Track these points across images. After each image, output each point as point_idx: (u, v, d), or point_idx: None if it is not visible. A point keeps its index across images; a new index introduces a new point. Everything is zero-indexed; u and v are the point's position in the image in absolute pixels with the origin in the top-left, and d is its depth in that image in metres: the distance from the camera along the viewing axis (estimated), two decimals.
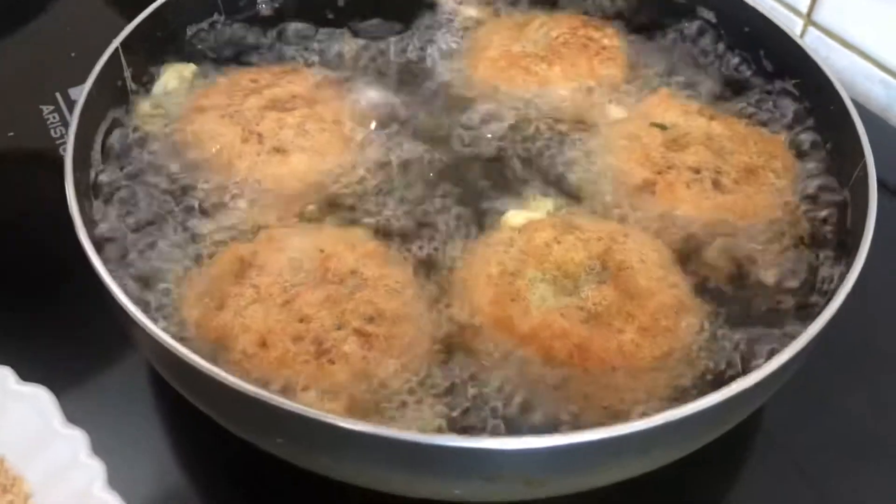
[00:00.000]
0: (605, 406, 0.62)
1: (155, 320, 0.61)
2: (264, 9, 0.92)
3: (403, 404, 0.62)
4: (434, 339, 0.66)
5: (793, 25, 1.08)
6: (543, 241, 0.70)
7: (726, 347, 0.66)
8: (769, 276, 0.71)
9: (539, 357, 0.64)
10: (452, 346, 0.66)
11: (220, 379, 0.55)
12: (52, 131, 0.95)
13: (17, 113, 0.96)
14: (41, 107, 0.97)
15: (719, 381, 0.63)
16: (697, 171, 0.76)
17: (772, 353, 0.63)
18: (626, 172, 0.77)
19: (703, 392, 0.59)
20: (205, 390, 0.59)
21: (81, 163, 0.71)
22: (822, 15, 1.06)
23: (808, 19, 1.08)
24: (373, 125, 0.81)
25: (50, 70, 1.02)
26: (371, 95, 0.82)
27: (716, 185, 0.75)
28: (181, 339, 0.60)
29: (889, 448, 0.75)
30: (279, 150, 0.76)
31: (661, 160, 0.77)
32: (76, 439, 0.59)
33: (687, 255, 0.72)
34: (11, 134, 0.95)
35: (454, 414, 0.62)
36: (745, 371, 0.64)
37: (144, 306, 0.65)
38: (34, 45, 1.08)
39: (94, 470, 0.57)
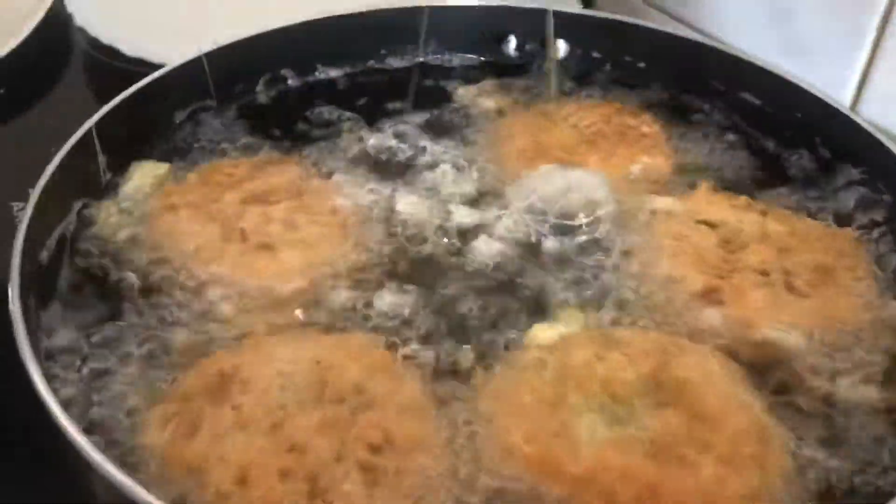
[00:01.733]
0: None
1: (109, 450, 0.48)
2: (262, 96, 0.83)
3: None
4: (458, 477, 0.53)
5: None
6: (583, 360, 0.58)
7: (822, 479, 0.53)
8: (862, 393, 0.59)
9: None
10: (482, 490, 0.52)
11: None
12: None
13: None
14: (11, 203, 0.87)
15: None
16: (766, 274, 0.65)
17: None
18: (681, 278, 0.65)
19: None
20: None
21: (32, 257, 0.61)
22: (868, 107, 0.97)
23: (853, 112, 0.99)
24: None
25: (26, 167, 0.93)
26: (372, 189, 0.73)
27: (789, 288, 0.64)
28: (139, 476, 0.47)
29: None
30: (266, 247, 0.66)
31: (721, 263, 0.66)
32: None
33: (760, 371, 0.60)
34: None
35: None
36: None
37: (97, 433, 0.52)
38: (13, 142, 0.99)
39: None
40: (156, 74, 0.76)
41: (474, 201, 0.73)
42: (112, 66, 1.01)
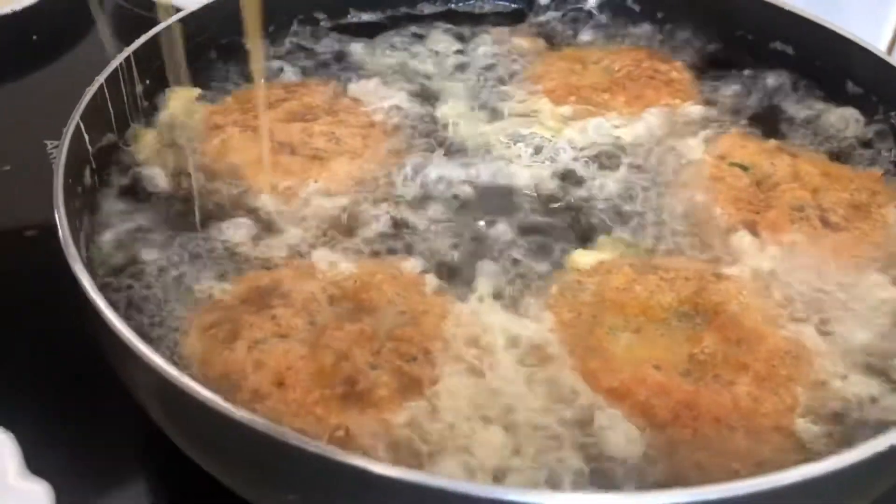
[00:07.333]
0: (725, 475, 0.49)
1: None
2: (295, 37, 0.84)
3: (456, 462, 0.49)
4: (492, 388, 0.53)
5: None
6: (621, 283, 0.59)
7: (860, 399, 0.54)
8: None
9: (634, 418, 0.51)
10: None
11: (215, 407, 0.42)
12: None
13: (18, 148, 0.87)
14: (45, 142, 0.88)
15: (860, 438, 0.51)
16: (800, 210, 0.65)
17: None
18: (717, 214, 0.66)
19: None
20: (202, 429, 0.46)
21: (76, 175, 0.62)
22: None
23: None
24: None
25: (59, 110, 0.94)
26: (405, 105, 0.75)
27: (824, 222, 0.64)
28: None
29: None
30: (316, 158, 0.67)
31: (756, 200, 0.66)
32: (36, 495, 0.46)
33: (795, 297, 0.60)
34: (7, 168, 0.86)
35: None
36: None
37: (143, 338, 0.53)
38: (46, 87, 1.00)
39: None
40: (192, 9, 0.76)
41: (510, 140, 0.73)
42: (141, 16, 1.01)
